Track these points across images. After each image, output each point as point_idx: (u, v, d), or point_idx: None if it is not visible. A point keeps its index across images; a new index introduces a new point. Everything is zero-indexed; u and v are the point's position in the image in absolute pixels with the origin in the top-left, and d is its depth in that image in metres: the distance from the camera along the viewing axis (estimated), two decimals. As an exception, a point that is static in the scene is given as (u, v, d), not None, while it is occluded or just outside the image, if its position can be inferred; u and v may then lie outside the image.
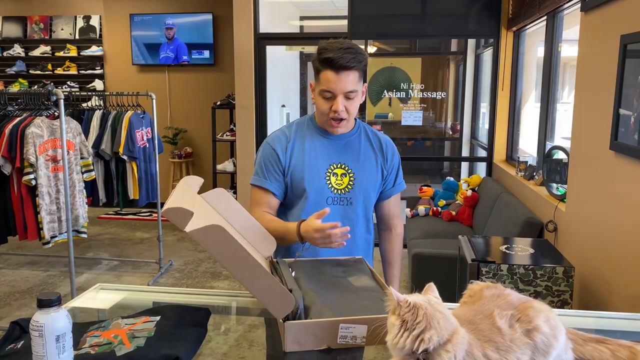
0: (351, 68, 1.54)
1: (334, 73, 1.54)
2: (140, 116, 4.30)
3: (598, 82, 2.54)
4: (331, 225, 1.43)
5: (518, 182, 3.96)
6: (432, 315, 0.87)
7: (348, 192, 1.67)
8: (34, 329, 0.93)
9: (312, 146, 1.68)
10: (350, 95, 1.58)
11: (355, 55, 1.55)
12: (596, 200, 2.54)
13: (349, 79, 1.55)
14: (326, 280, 1.33)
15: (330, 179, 1.67)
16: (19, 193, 3.37)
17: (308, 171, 1.65)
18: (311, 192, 1.65)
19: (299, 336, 1.06)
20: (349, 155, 1.69)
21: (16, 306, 3.72)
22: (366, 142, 1.73)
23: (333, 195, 1.66)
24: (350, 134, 1.71)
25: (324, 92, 1.58)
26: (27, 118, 3.41)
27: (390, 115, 5.99)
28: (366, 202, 1.71)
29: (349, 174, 1.68)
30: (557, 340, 0.92)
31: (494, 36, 4.86)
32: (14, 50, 6.62)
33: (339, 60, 1.53)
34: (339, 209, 1.67)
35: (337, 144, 1.69)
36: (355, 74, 1.57)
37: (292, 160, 1.67)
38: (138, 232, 5.67)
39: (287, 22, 6.54)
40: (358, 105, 1.63)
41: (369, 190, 1.70)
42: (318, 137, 1.69)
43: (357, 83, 1.58)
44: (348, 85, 1.55)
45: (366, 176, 1.69)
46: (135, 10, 6.38)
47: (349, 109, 1.60)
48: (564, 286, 2.37)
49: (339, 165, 1.68)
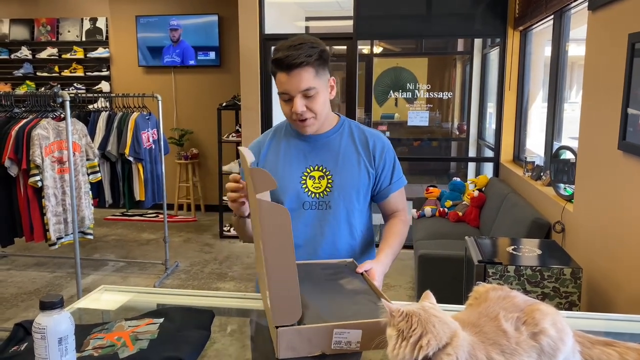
0: (301, 65, 1.44)
1: (285, 74, 1.46)
2: (146, 117, 4.31)
3: (606, 82, 2.52)
4: (234, 187, 1.39)
5: (525, 182, 3.93)
6: (427, 320, 0.86)
7: (326, 195, 1.58)
8: (37, 331, 0.93)
9: (288, 150, 1.61)
10: (309, 93, 1.47)
11: (305, 51, 1.45)
12: (604, 200, 2.52)
13: (302, 76, 1.45)
14: (317, 283, 1.31)
15: (307, 183, 1.58)
16: (25, 194, 3.38)
17: (282, 177, 1.57)
18: (286, 199, 1.57)
19: (293, 342, 1.04)
20: (327, 156, 1.59)
21: (23, 307, 3.74)
22: (348, 140, 1.62)
23: (310, 199, 1.58)
24: (329, 134, 1.61)
25: (281, 94, 1.50)
26: (33, 120, 3.42)
27: (396, 115, 5.98)
28: (347, 205, 1.59)
29: (327, 176, 1.58)
30: (564, 343, 0.91)
31: (501, 36, 4.83)
32: (21, 53, 6.66)
33: (286, 59, 1.43)
34: (316, 213, 1.58)
35: (314, 145, 1.60)
36: (308, 70, 1.46)
37: (265, 166, 1.60)
38: (144, 234, 5.68)
39: (292, 22, 6.53)
40: (324, 101, 1.52)
41: (350, 192, 1.59)
42: (295, 139, 1.61)
43: (314, 79, 1.47)
44: (302, 84, 1.45)
45: (346, 177, 1.58)
46: (141, 12, 6.40)
47: (312, 107, 1.50)
48: (571, 288, 2.35)
49: (316, 168, 1.59)
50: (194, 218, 6.38)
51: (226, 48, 6.33)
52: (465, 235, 2.96)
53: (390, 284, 4.11)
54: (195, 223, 6.19)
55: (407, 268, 4.43)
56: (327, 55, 1.52)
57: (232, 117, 6.09)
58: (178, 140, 6.40)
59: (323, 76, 1.51)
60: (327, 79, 1.53)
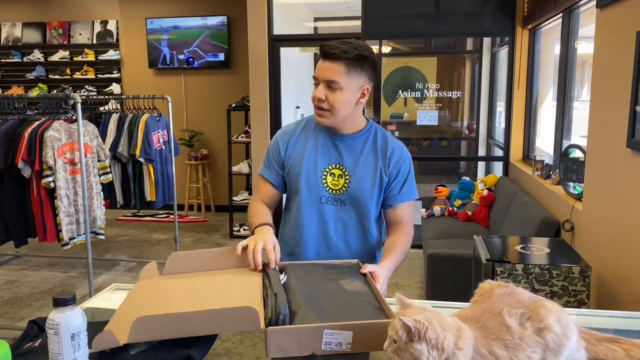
0: (335, 58, 1.52)
1: (321, 60, 1.55)
2: (157, 119, 4.34)
3: (614, 80, 2.51)
4: (256, 251, 1.38)
5: (535, 181, 3.92)
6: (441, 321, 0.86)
7: (342, 193, 1.64)
8: (50, 327, 0.95)
9: (315, 143, 1.67)
10: (332, 85, 1.53)
11: (346, 47, 1.52)
12: (613, 198, 2.50)
13: (332, 67, 1.52)
14: (317, 283, 1.31)
15: (327, 179, 1.65)
16: (38, 195, 3.43)
17: (305, 168, 1.65)
18: (304, 189, 1.64)
19: (281, 342, 1.04)
20: (349, 157, 1.65)
21: (37, 307, 3.79)
22: (371, 146, 1.67)
23: (327, 194, 1.64)
24: (356, 136, 1.67)
25: (314, 79, 1.59)
26: (45, 122, 3.47)
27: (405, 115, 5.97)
28: (361, 206, 1.65)
29: (345, 176, 1.65)
30: (569, 339, 0.92)
31: (510, 34, 4.82)
32: (33, 56, 6.75)
33: (326, 47, 1.53)
34: (333, 209, 1.65)
35: (340, 145, 1.66)
36: (339, 65, 1.52)
37: (292, 155, 1.68)
38: (155, 234, 5.73)
39: (301, 23, 6.55)
40: (345, 100, 1.56)
41: (363, 195, 1.64)
42: (323, 135, 1.68)
43: (342, 75, 1.53)
44: (328, 74, 1.53)
45: (362, 181, 1.64)
46: (151, 14, 6.45)
47: (331, 100, 1.55)
48: (580, 286, 2.34)
49: (337, 166, 1.65)
50: (204, 218, 6.42)
51: (235, 49, 6.36)
52: (475, 234, 2.96)
53: (399, 283, 4.12)
54: (205, 223, 6.23)
55: (416, 267, 4.43)
56: (369, 62, 1.56)
57: (242, 117, 6.12)
58: (188, 141, 6.44)
59: (354, 78, 1.56)
60: (359, 83, 1.57)
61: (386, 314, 1.13)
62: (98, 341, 1.03)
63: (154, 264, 1.42)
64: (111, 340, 1.03)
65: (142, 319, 1.04)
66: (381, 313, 1.14)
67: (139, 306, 1.17)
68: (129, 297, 1.28)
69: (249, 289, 1.25)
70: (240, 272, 1.39)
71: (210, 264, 1.42)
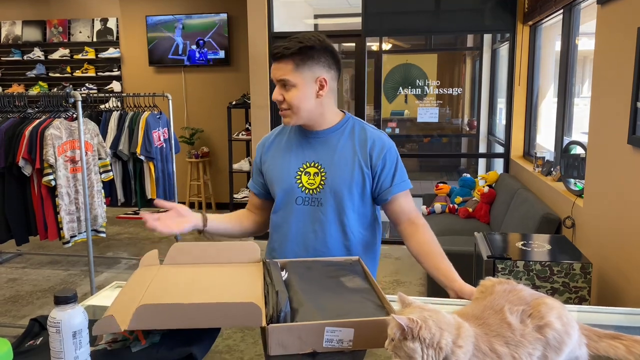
0: (280, 57, 1.51)
1: (274, 62, 1.54)
2: (157, 117, 4.34)
3: (615, 76, 2.50)
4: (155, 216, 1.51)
5: (535, 178, 3.92)
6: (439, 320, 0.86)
7: (319, 192, 1.58)
8: (52, 325, 0.95)
9: (289, 145, 1.64)
10: (285, 83, 1.51)
11: (289, 44, 1.50)
12: (614, 195, 2.50)
13: (280, 67, 1.51)
14: (318, 281, 1.31)
15: (302, 178, 1.59)
16: (39, 193, 3.43)
17: (279, 170, 1.62)
18: (280, 192, 1.61)
19: (283, 339, 1.04)
20: (324, 153, 1.59)
21: (38, 305, 3.80)
22: (348, 138, 1.60)
23: (304, 195, 1.59)
24: (329, 131, 1.61)
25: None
26: (46, 120, 3.47)
27: (406, 112, 5.96)
28: (339, 203, 1.57)
29: (321, 173, 1.58)
30: (570, 336, 0.92)
31: (510, 31, 4.81)
32: (33, 54, 6.74)
33: (274, 49, 1.52)
34: (308, 209, 1.59)
35: (314, 142, 1.61)
36: (286, 62, 1.50)
37: (267, 160, 1.67)
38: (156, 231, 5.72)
39: (301, 20, 6.54)
40: (302, 97, 1.52)
41: (341, 189, 1.56)
42: (297, 135, 1.64)
43: (291, 72, 1.50)
44: (278, 73, 1.52)
45: (339, 175, 1.57)
46: (151, 11, 6.44)
47: (288, 99, 1.52)
48: (581, 282, 2.34)
49: (312, 164, 1.59)
50: (205, 216, 6.41)
51: (235, 46, 6.35)
52: (476, 231, 2.96)
53: (400, 280, 4.12)
54: (206, 221, 6.22)
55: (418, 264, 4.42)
56: (318, 52, 1.51)
57: (242, 115, 6.12)
58: (189, 138, 6.45)
59: (305, 71, 1.51)
60: (312, 75, 1.52)
61: (387, 311, 1.13)
62: (99, 325, 1.03)
63: (155, 252, 1.43)
64: (112, 325, 1.02)
65: (146, 307, 1.04)
66: (382, 310, 1.14)
67: (139, 293, 1.18)
68: (129, 284, 1.28)
69: (250, 285, 1.25)
70: (241, 267, 1.39)
71: (211, 257, 1.42)
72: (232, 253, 1.43)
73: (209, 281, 1.29)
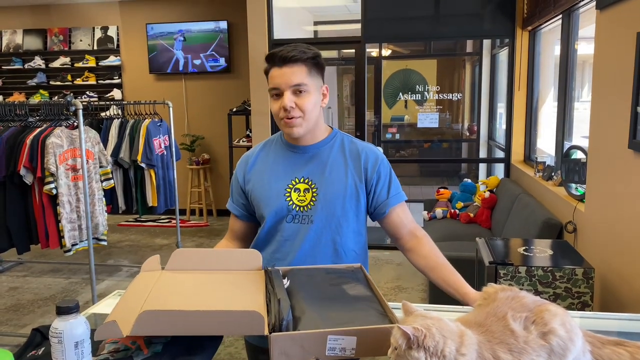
0: (294, 60, 1.44)
1: (277, 68, 1.45)
2: (158, 124, 4.35)
3: (615, 80, 2.51)
4: None
5: (536, 182, 3.92)
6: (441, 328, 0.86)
7: (310, 209, 1.50)
8: (53, 335, 0.95)
9: (276, 162, 1.56)
10: (300, 89, 1.44)
11: (300, 48, 1.46)
12: (616, 199, 2.50)
13: (294, 71, 1.44)
14: (320, 288, 1.30)
15: (292, 195, 1.51)
16: (41, 202, 3.43)
17: (267, 189, 1.53)
18: (267, 211, 1.52)
19: (285, 348, 1.03)
20: (315, 168, 1.52)
21: (39, 313, 3.79)
22: (338, 152, 1.55)
23: (294, 212, 1.51)
24: (319, 145, 1.55)
25: (272, 91, 1.47)
26: (47, 129, 3.47)
27: (406, 117, 5.98)
28: (331, 220, 1.51)
29: (312, 189, 1.51)
30: (574, 343, 0.91)
31: (509, 36, 4.82)
32: (34, 62, 6.76)
33: (280, 52, 1.44)
34: (298, 227, 1.51)
35: (303, 157, 1.54)
36: (301, 67, 1.45)
37: (251, 179, 1.58)
38: (157, 239, 5.73)
39: (301, 27, 6.57)
40: (314, 103, 1.48)
41: (334, 205, 1.50)
42: (284, 151, 1.56)
43: (306, 77, 1.45)
44: (293, 78, 1.43)
45: (331, 190, 1.50)
46: (151, 19, 6.47)
47: (301, 105, 1.45)
48: (584, 288, 2.33)
49: (302, 180, 1.52)
50: (206, 223, 6.42)
51: (236, 54, 6.37)
52: (477, 236, 2.96)
53: (402, 287, 4.11)
54: (207, 228, 6.23)
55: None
56: (322, 61, 1.51)
57: (243, 122, 6.13)
58: (189, 145, 6.45)
59: (316, 79, 1.49)
60: (319, 84, 1.51)
61: (390, 319, 1.13)
62: (101, 331, 1.02)
63: (157, 257, 1.42)
64: (115, 331, 1.02)
65: (148, 313, 1.03)
66: (385, 318, 1.14)
67: (141, 299, 1.17)
68: (131, 289, 1.27)
69: (252, 293, 1.25)
70: (243, 274, 1.38)
71: (212, 264, 1.42)
72: (234, 260, 1.43)
73: (210, 288, 1.28)
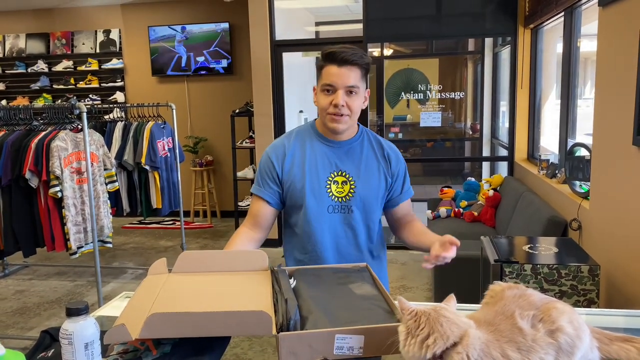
0: (353, 63, 1.54)
1: (336, 67, 1.54)
2: (161, 126, 4.36)
3: (618, 77, 2.50)
4: None
5: (540, 180, 3.91)
6: (435, 320, 0.88)
7: (349, 200, 1.63)
8: (64, 337, 0.96)
9: (313, 154, 1.65)
10: (352, 90, 1.55)
11: (359, 53, 1.56)
12: (620, 196, 2.50)
13: (351, 73, 1.54)
14: (327, 288, 1.31)
15: (331, 187, 1.63)
16: (46, 205, 3.45)
17: (309, 180, 1.63)
18: (311, 201, 1.62)
19: (293, 347, 1.04)
20: (351, 163, 1.65)
21: (46, 316, 3.80)
22: (369, 149, 1.69)
23: (334, 203, 1.63)
24: (352, 141, 1.67)
25: (325, 86, 1.56)
26: (51, 132, 3.49)
27: (408, 116, 5.97)
28: (367, 210, 1.66)
29: (349, 182, 1.64)
30: (582, 340, 0.91)
31: (511, 34, 4.82)
32: (37, 66, 6.79)
33: (341, 54, 1.53)
34: (339, 217, 1.64)
35: (339, 151, 1.66)
36: (357, 70, 1.56)
37: (291, 170, 1.64)
38: (162, 241, 5.74)
39: (302, 28, 6.57)
40: (360, 105, 1.60)
41: (370, 198, 1.65)
42: (319, 144, 1.66)
43: (359, 80, 1.56)
44: (349, 80, 1.54)
45: (368, 184, 1.65)
46: (153, 22, 6.48)
47: (350, 105, 1.56)
48: (589, 285, 2.33)
49: (340, 173, 1.64)
50: (210, 224, 6.43)
51: (238, 55, 6.38)
52: (482, 235, 2.95)
53: (407, 285, 4.11)
54: (211, 229, 6.24)
55: (424, 270, 4.41)
56: (369, 66, 1.62)
57: (246, 123, 6.14)
58: (192, 147, 6.47)
59: (364, 83, 1.61)
60: (365, 87, 1.62)
61: (397, 317, 1.13)
62: (110, 334, 1.03)
63: (163, 260, 1.43)
64: (124, 334, 1.03)
65: (157, 315, 1.04)
66: (392, 316, 1.14)
67: (149, 302, 1.18)
68: (139, 292, 1.28)
69: (259, 293, 1.26)
70: (249, 275, 1.39)
71: (219, 265, 1.43)
72: (240, 261, 1.44)
73: (217, 289, 1.29)
